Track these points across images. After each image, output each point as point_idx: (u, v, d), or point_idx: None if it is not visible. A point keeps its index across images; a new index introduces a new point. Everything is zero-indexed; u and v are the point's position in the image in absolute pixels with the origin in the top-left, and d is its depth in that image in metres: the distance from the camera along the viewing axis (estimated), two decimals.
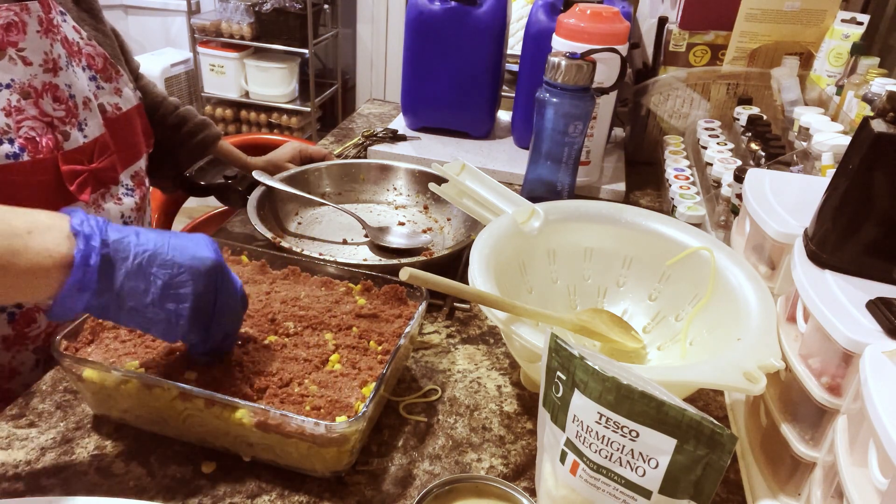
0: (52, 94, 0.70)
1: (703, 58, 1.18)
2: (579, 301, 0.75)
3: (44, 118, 0.69)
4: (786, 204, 0.64)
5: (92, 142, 0.74)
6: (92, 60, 0.77)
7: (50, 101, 0.70)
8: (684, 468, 0.40)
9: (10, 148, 0.66)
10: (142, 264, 0.49)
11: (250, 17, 3.08)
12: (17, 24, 0.67)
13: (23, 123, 0.67)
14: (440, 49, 1.18)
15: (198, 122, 0.99)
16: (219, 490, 0.55)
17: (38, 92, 0.69)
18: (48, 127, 0.69)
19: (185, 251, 0.51)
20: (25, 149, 0.67)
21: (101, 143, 0.75)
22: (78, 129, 0.72)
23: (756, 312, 0.58)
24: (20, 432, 0.59)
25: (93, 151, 0.74)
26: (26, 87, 0.68)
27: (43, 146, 0.68)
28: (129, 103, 0.82)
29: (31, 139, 0.67)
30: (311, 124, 3.35)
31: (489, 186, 0.76)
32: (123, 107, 0.81)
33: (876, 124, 0.49)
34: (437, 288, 0.56)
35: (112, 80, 0.80)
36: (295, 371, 0.58)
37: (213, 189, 0.94)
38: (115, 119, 0.79)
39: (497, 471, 0.59)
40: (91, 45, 0.78)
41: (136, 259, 0.49)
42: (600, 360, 0.43)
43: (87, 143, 0.73)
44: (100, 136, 0.75)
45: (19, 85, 0.67)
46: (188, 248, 0.51)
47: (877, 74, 1.00)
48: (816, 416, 0.49)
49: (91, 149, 0.74)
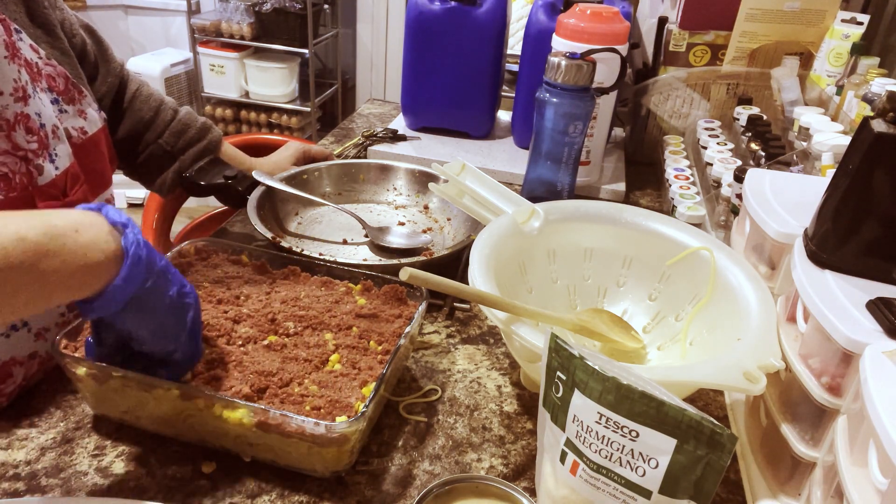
0: (24, 125, 0.63)
1: (703, 58, 1.18)
2: (579, 301, 0.75)
3: (17, 152, 0.62)
4: (786, 204, 0.64)
5: (63, 173, 0.68)
6: (53, 82, 0.70)
7: (23, 132, 0.63)
8: (684, 468, 0.40)
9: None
10: (165, 264, 0.52)
11: (250, 17, 3.08)
12: None
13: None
14: (440, 49, 1.18)
15: (200, 128, 0.98)
16: (219, 490, 0.55)
17: (10, 124, 0.62)
18: (22, 161, 0.63)
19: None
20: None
21: (72, 173, 0.69)
22: (49, 161, 0.66)
23: (756, 312, 0.58)
24: (20, 432, 0.59)
25: (65, 184, 0.68)
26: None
27: (17, 183, 0.62)
28: (94, 126, 0.75)
29: (4, 175, 0.61)
30: (311, 124, 3.35)
31: (489, 186, 0.76)
32: (89, 130, 0.74)
33: (876, 124, 0.49)
34: (437, 288, 0.56)
35: (75, 102, 0.73)
36: (295, 371, 0.58)
37: (213, 189, 0.94)
38: (82, 145, 0.73)
39: (497, 471, 0.59)
40: (51, 65, 0.71)
41: (161, 260, 0.51)
42: (600, 360, 0.43)
43: (59, 176, 0.67)
44: (69, 167, 0.69)
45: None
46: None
47: (877, 74, 1.00)
48: (816, 416, 0.49)
49: (63, 181, 0.68)
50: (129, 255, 0.48)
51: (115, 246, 0.48)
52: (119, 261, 0.48)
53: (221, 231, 0.97)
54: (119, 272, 0.48)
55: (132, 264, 0.48)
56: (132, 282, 0.48)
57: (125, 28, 3.42)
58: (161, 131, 0.94)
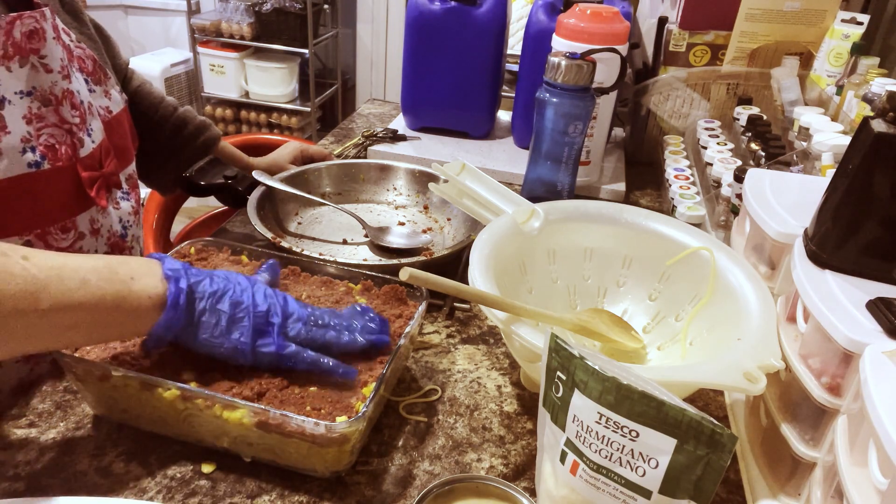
0: (69, 101, 0.70)
1: (703, 58, 1.18)
2: (579, 301, 0.75)
3: (63, 125, 0.69)
4: (786, 204, 0.64)
5: (98, 147, 0.74)
6: (83, 63, 0.76)
7: (68, 107, 0.70)
8: (684, 468, 0.40)
9: (32, 156, 0.65)
10: (213, 303, 0.56)
11: (250, 17, 3.08)
12: (38, 31, 0.66)
13: (43, 131, 0.67)
14: (440, 49, 1.19)
15: (198, 125, 0.99)
16: (219, 490, 0.55)
17: (57, 99, 0.68)
18: (67, 134, 0.69)
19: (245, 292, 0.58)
20: (46, 157, 0.67)
21: (105, 147, 0.76)
22: (87, 135, 0.72)
23: (756, 312, 0.58)
24: (20, 432, 0.59)
25: (100, 156, 0.75)
26: (47, 94, 0.67)
27: (62, 154, 0.68)
28: (118, 106, 0.81)
29: (51, 147, 0.67)
30: (311, 124, 3.35)
31: (489, 186, 0.76)
32: (114, 109, 0.80)
33: (876, 124, 0.49)
34: (437, 288, 0.56)
35: (101, 83, 0.79)
36: (295, 372, 0.58)
37: (213, 189, 0.94)
38: (108, 122, 0.78)
39: (497, 471, 0.59)
40: (80, 48, 0.77)
41: (209, 299, 0.56)
42: (600, 360, 0.43)
43: (95, 149, 0.73)
44: (103, 141, 0.75)
45: (40, 92, 0.67)
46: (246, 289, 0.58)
47: (877, 74, 1.00)
48: (816, 416, 0.49)
49: (98, 154, 0.74)
50: (168, 304, 0.53)
51: (162, 294, 0.54)
52: (162, 307, 0.54)
53: (221, 231, 0.97)
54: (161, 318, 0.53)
55: (173, 312, 0.54)
56: (174, 325, 0.54)
57: (125, 28, 3.43)
58: (161, 126, 0.95)
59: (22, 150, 0.65)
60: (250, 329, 0.56)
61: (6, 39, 0.63)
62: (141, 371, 0.56)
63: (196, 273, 0.57)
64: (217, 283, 0.57)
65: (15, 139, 0.64)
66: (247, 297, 0.57)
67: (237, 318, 0.56)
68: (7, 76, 0.64)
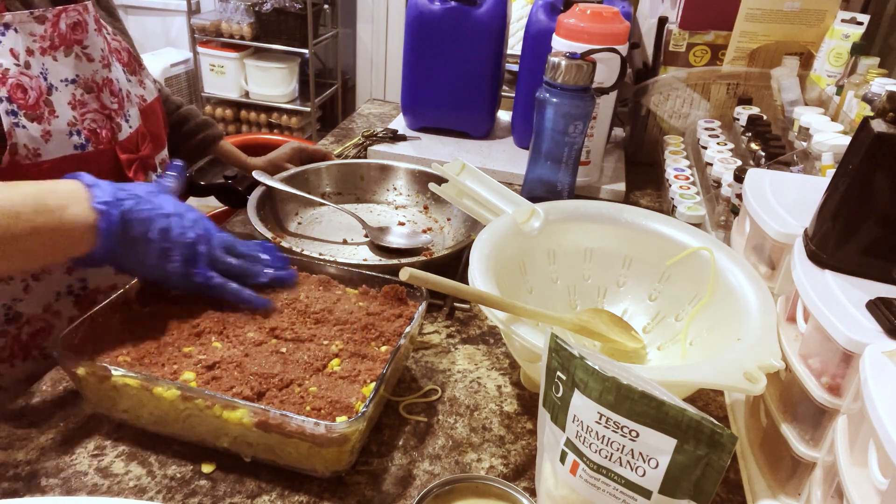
0: (109, 88, 0.75)
1: (703, 58, 1.18)
2: (579, 301, 0.75)
3: (104, 111, 0.74)
4: (786, 204, 0.64)
5: (135, 132, 0.79)
6: (119, 55, 0.81)
7: (108, 94, 0.75)
8: (684, 468, 0.40)
9: (77, 139, 0.71)
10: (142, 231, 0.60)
11: (250, 17, 3.08)
12: (81, 22, 0.72)
13: (86, 116, 0.72)
14: (440, 49, 1.19)
15: (199, 122, 0.99)
16: (219, 490, 0.55)
17: (99, 86, 0.74)
18: (107, 119, 0.74)
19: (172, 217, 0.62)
20: (90, 140, 0.72)
21: (141, 132, 0.81)
22: (125, 121, 0.78)
23: (756, 312, 0.58)
24: (20, 432, 0.59)
25: (137, 140, 0.80)
26: (89, 82, 0.73)
27: (103, 137, 0.74)
28: (151, 95, 0.86)
29: (93, 131, 0.73)
30: (311, 124, 3.35)
31: (489, 186, 0.76)
32: (148, 98, 0.85)
33: (876, 124, 0.49)
34: (437, 288, 0.56)
35: (136, 73, 0.84)
36: (295, 371, 0.58)
37: (213, 189, 0.94)
38: (144, 110, 0.83)
39: (497, 471, 0.59)
40: (116, 40, 0.82)
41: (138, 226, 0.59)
42: (600, 360, 0.43)
43: (132, 134, 0.79)
44: (139, 127, 0.81)
45: (83, 80, 0.72)
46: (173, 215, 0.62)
47: (877, 74, 0.99)
48: (816, 416, 0.49)
49: (135, 138, 0.79)
50: (100, 229, 0.57)
51: (93, 221, 0.57)
52: (94, 231, 0.58)
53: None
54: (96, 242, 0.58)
55: (105, 236, 0.58)
56: (104, 257, 0.59)
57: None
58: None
59: (69, 133, 0.70)
60: (180, 258, 0.61)
61: (53, 31, 0.69)
62: (141, 371, 0.56)
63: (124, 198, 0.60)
64: (144, 208, 0.60)
65: (62, 123, 0.69)
66: (175, 223, 0.61)
67: (165, 248, 0.60)
68: (54, 65, 0.69)
